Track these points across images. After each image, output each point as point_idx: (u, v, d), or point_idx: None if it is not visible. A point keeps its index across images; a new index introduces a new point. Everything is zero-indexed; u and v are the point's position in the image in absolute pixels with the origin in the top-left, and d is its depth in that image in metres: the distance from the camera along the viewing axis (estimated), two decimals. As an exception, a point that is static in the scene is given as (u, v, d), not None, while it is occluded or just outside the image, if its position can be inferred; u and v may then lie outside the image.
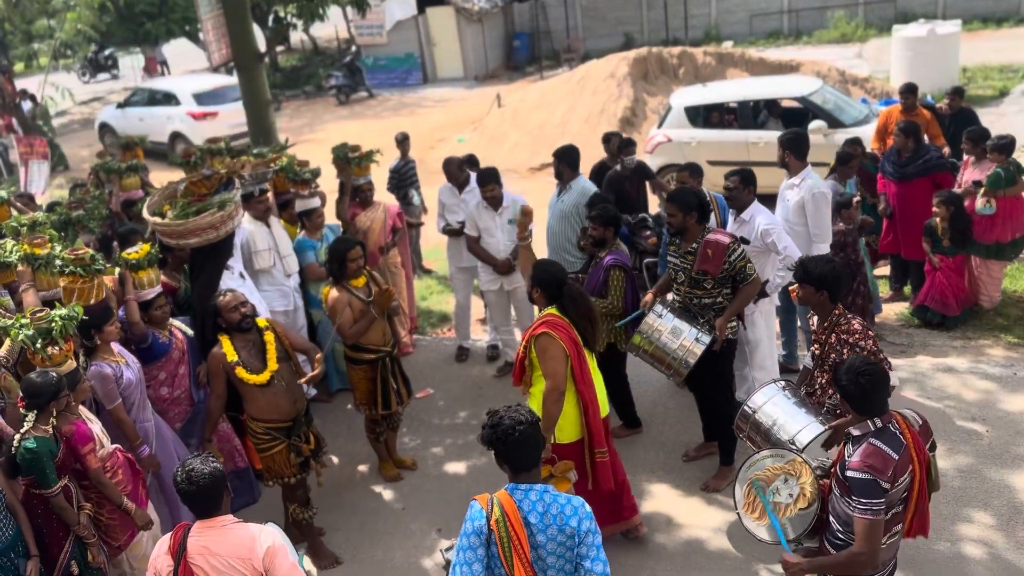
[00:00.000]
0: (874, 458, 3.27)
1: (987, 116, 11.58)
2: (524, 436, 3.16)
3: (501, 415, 3.22)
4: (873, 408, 3.37)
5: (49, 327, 4.21)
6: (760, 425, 4.44)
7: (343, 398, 7.11)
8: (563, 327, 4.56)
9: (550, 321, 4.57)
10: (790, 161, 6.24)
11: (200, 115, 16.79)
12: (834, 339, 4.30)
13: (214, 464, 3.31)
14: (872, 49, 18.79)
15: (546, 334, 4.52)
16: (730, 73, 15.45)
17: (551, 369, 4.50)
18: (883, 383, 3.38)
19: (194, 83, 18.04)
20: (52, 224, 5.94)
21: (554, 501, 3.15)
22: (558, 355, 4.50)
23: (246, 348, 4.95)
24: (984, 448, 5.59)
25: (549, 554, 3.13)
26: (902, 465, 3.30)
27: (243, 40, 10.24)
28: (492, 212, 6.76)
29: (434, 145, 16.26)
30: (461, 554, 3.12)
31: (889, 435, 3.34)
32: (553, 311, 4.63)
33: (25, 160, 11.57)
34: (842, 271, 4.38)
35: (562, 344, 4.51)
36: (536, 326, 4.61)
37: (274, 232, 6.60)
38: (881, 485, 3.24)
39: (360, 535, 5.54)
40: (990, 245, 7.08)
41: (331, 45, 27.56)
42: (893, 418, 3.40)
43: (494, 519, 3.10)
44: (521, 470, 3.21)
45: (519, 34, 23.93)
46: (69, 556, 4.27)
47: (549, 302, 4.67)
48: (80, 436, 4.23)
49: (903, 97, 8.69)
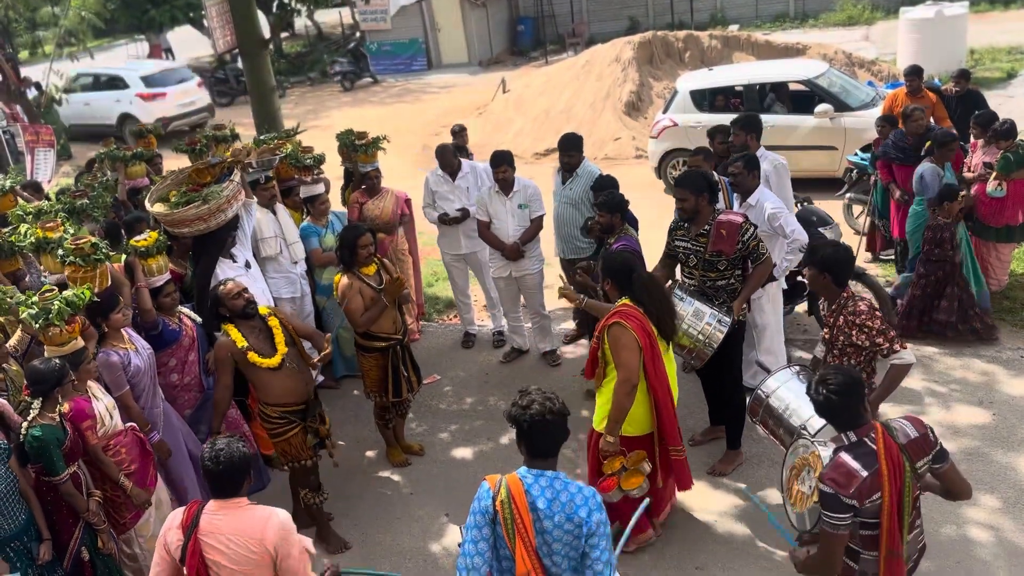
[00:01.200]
0: (838, 471, 3.17)
1: (995, 98, 11.50)
2: (550, 425, 3.15)
3: (534, 398, 3.20)
4: (843, 421, 3.25)
5: (48, 308, 4.26)
6: (773, 409, 4.44)
7: (350, 384, 7.15)
8: (636, 318, 4.43)
9: (623, 311, 4.46)
10: (751, 143, 6.33)
11: (149, 96, 18.02)
12: (842, 321, 4.30)
13: (244, 448, 3.34)
14: (879, 32, 18.67)
15: (619, 324, 4.41)
16: (736, 57, 15.36)
17: (624, 359, 4.38)
18: (851, 394, 3.22)
19: (141, 67, 19.33)
20: (57, 212, 5.96)
21: (564, 489, 3.15)
22: (631, 345, 4.38)
23: (253, 334, 4.96)
24: (990, 431, 5.60)
25: (555, 540, 3.13)
26: (871, 483, 3.14)
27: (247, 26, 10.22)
28: (503, 197, 6.74)
29: (439, 131, 16.20)
30: (468, 532, 3.15)
31: (863, 450, 3.19)
32: (626, 301, 4.52)
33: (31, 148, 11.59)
34: (846, 255, 4.35)
35: (635, 335, 4.38)
36: (610, 316, 4.51)
37: (280, 219, 6.61)
38: (843, 501, 3.12)
39: (368, 520, 5.58)
40: (1000, 228, 7.06)
41: (335, 31, 27.48)
42: (872, 431, 3.23)
43: (499, 500, 3.11)
44: (537, 456, 3.21)
45: (523, 19, 23.81)
46: (79, 542, 4.33)
47: (621, 292, 4.57)
48: (78, 413, 4.29)
49: (908, 79, 8.64)
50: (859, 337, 4.24)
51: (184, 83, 18.57)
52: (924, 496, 3.45)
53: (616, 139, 13.62)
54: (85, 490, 4.32)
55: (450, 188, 7.25)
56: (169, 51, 26.82)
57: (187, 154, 7.36)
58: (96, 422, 4.38)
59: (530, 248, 6.83)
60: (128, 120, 17.62)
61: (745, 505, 5.24)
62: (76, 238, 4.88)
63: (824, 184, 9.87)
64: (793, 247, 5.59)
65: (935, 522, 4.84)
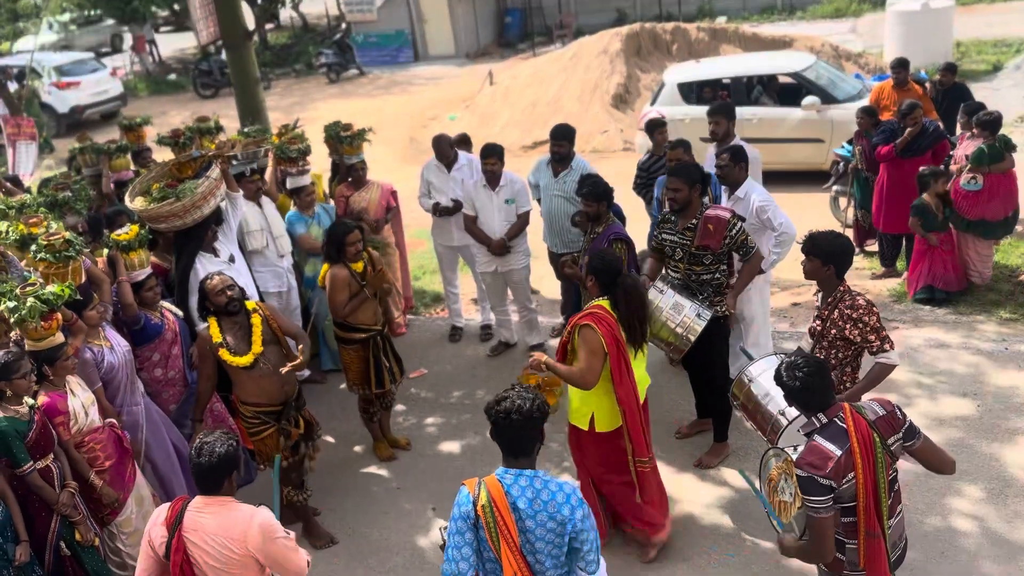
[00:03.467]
0: (812, 455, 3.19)
1: (981, 91, 11.55)
2: (515, 424, 3.15)
3: (509, 395, 3.20)
4: (814, 404, 3.28)
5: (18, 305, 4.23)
6: (753, 395, 4.44)
7: (336, 379, 7.11)
8: (608, 323, 4.41)
9: (595, 314, 4.43)
10: (730, 130, 6.40)
11: (64, 85, 18.79)
12: (836, 314, 4.29)
13: (230, 444, 3.31)
14: (866, 24, 18.71)
15: (589, 327, 4.38)
16: (724, 49, 15.36)
17: (587, 364, 4.37)
18: (823, 378, 3.28)
19: (53, 58, 19.94)
20: (40, 205, 5.89)
21: (545, 487, 3.14)
22: (597, 350, 4.36)
23: (232, 331, 4.90)
24: (975, 422, 5.63)
25: (538, 539, 3.13)
26: (846, 461, 3.17)
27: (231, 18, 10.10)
28: (489, 191, 6.71)
29: (426, 124, 16.15)
30: (451, 538, 3.14)
31: (834, 430, 3.23)
32: (603, 303, 4.49)
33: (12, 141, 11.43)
34: (850, 247, 4.36)
35: (603, 341, 4.36)
36: (582, 315, 4.48)
37: (266, 212, 6.56)
38: (819, 482, 3.14)
39: (355, 515, 5.56)
40: (974, 221, 7.08)
41: (321, 22, 27.26)
42: (840, 410, 3.28)
43: (480, 504, 3.10)
44: (509, 455, 3.21)
45: (511, 10, 23.70)
46: (57, 536, 4.29)
47: (601, 292, 4.55)
48: (50, 408, 4.29)
49: (894, 72, 8.66)
50: (852, 332, 4.23)
51: (97, 72, 19.47)
52: (907, 487, 3.45)
53: (604, 131, 13.61)
54: (59, 482, 4.27)
55: (445, 179, 7.23)
56: (153, 43, 26.54)
57: (170, 147, 7.28)
58: (69, 418, 4.35)
59: (516, 243, 6.81)
60: (45, 109, 18.30)
61: (732, 497, 5.26)
62: (50, 234, 4.81)
63: (811, 177, 9.90)
64: (781, 240, 5.59)
65: (919, 512, 4.86)
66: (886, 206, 7.57)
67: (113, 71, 20.23)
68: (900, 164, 7.36)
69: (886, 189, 7.53)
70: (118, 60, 25.77)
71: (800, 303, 7.57)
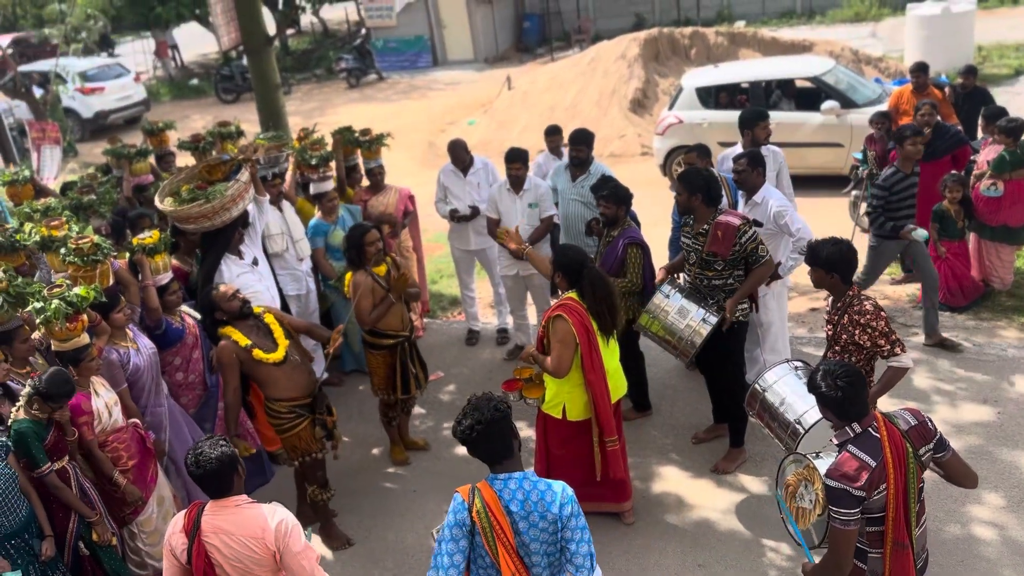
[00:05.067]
0: (847, 465, 3.13)
1: (1002, 95, 11.44)
2: (483, 435, 3.20)
3: (465, 411, 3.26)
4: (852, 413, 3.22)
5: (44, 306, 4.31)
6: (769, 404, 4.45)
7: (355, 381, 7.16)
8: (578, 312, 4.65)
9: (567, 305, 4.68)
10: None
11: (88, 90, 19.17)
12: (846, 320, 4.30)
13: (223, 448, 3.34)
14: (886, 28, 18.59)
15: (560, 317, 4.63)
16: (742, 54, 15.31)
17: (557, 352, 4.63)
18: (861, 386, 3.21)
19: (78, 64, 20.10)
20: (64, 209, 5.98)
21: (534, 488, 3.17)
22: (567, 340, 4.61)
23: (253, 333, 4.99)
24: (995, 430, 5.58)
25: (532, 540, 3.16)
26: (880, 473, 3.12)
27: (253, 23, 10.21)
28: (513, 195, 6.74)
29: (444, 128, 16.22)
30: (443, 545, 3.16)
31: (868, 440, 3.17)
32: (572, 295, 4.72)
33: (37, 145, 11.60)
34: (851, 253, 4.35)
35: (573, 330, 4.60)
36: (554, 308, 4.74)
37: (286, 216, 6.62)
38: (853, 494, 3.09)
39: (372, 517, 5.59)
40: (996, 228, 7.03)
41: (341, 28, 27.45)
42: (874, 420, 3.21)
43: (475, 510, 3.14)
44: (494, 462, 3.24)
45: (529, 15, 23.76)
46: (75, 536, 4.36)
47: (571, 286, 4.76)
48: (74, 408, 4.35)
49: (914, 76, 8.60)
50: (861, 336, 4.24)
51: (121, 78, 19.83)
52: (927, 495, 3.42)
53: (622, 136, 13.60)
54: (76, 483, 4.34)
55: (461, 183, 7.26)
56: (175, 48, 26.85)
57: (190, 151, 7.36)
58: (93, 418, 4.42)
59: (538, 248, 6.82)
60: (69, 114, 18.53)
61: (747, 502, 5.24)
62: (79, 237, 4.90)
63: (830, 181, 9.85)
64: (799, 245, 5.57)
65: (939, 520, 4.83)
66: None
67: (136, 76, 20.54)
68: (927, 167, 7.30)
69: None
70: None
71: (818, 308, 7.53)
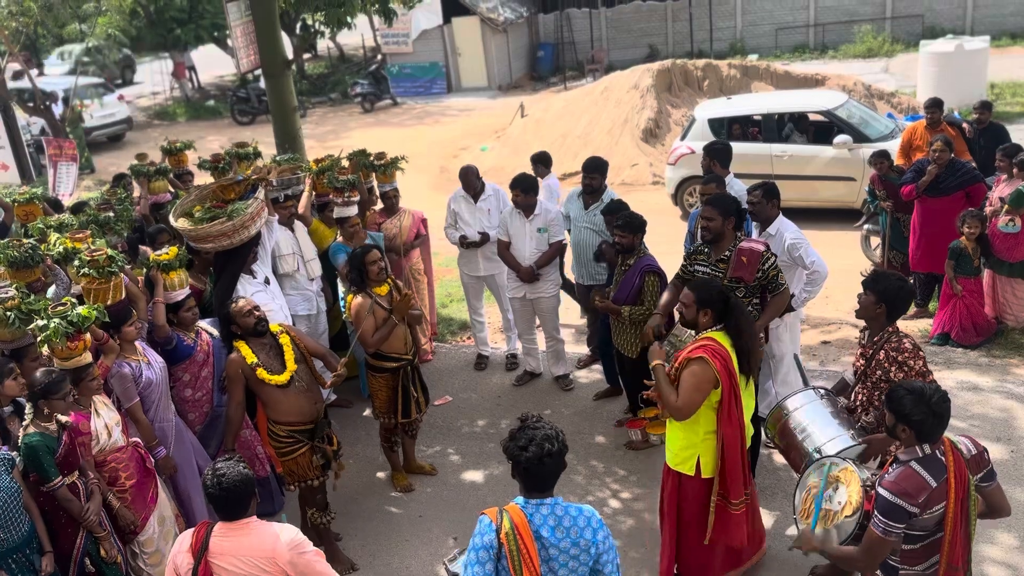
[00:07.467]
0: (908, 482, 3.20)
1: (1016, 132, 11.40)
2: (550, 467, 3.08)
3: (532, 437, 3.08)
4: (935, 435, 3.28)
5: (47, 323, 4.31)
6: (789, 429, 4.39)
7: (362, 404, 7.14)
8: (722, 356, 4.12)
9: (709, 347, 4.14)
10: (716, 168, 6.59)
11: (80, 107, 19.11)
12: (882, 355, 4.26)
13: (245, 470, 3.32)
14: (899, 64, 18.68)
15: (703, 359, 4.10)
16: (755, 86, 15.41)
17: (688, 397, 4.11)
18: (949, 413, 3.28)
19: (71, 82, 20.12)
20: (80, 225, 6.02)
21: (565, 514, 3.12)
22: (703, 387, 4.09)
23: (263, 351, 4.99)
24: (1009, 468, 5.51)
25: (561, 566, 3.11)
26: (938, 494, 3.22)
27: (271, 47, 10.32)
28: (523, 219, 6.76)
29: (457, 154, 16.33)
30: (470, 568, 3.09)
31: (934, 462, 3.26)
32: (714, 335, 4.21)
33: (54, 162, 11.72)
34: (910, 295, 4.32)
35: (716, 376, 4.09)
36: (693, 348, 4.19)
37: (298, 237, 6.66)
38: (907, 510, 3.17)
39: (377, 541, 5.55)
40: (1014, 264, 7.00)
41: (357, 53, 27.76)
42: (942, 444, 3.31)
43: (504, 532, 3.07)
44: (533, 491, 3.15)
45: (543, 44, 23.99)
46: (82, 552, 4.32)
47: (717, 322, 4.26)
48: (73, 428, 4.31)
49: (928, 112, 8.62)
50: (897, 374, 4.20)
51: (105, 97, 20.58)
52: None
53: (633, 165, 13.66)
54: (86, 498, 4.32)
55: (472, 209, 7.28)
56: (192, 69, 27.17)
57: (210, 171, 7.43)
58: (91, 438, 4.40)
59: (547, 272, 6.83)
60: None
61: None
62: (93, 250, 4.93)
63: (842, 215, 9.84)
64: (813, 278, 5.56)
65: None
66: (918, 245, 7.52)
67: (120, 96, 21.26)
68: (931, 203, 7.31)
69: (918, 228, 7.48)
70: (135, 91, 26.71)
71: (830, 341, 7.50)
